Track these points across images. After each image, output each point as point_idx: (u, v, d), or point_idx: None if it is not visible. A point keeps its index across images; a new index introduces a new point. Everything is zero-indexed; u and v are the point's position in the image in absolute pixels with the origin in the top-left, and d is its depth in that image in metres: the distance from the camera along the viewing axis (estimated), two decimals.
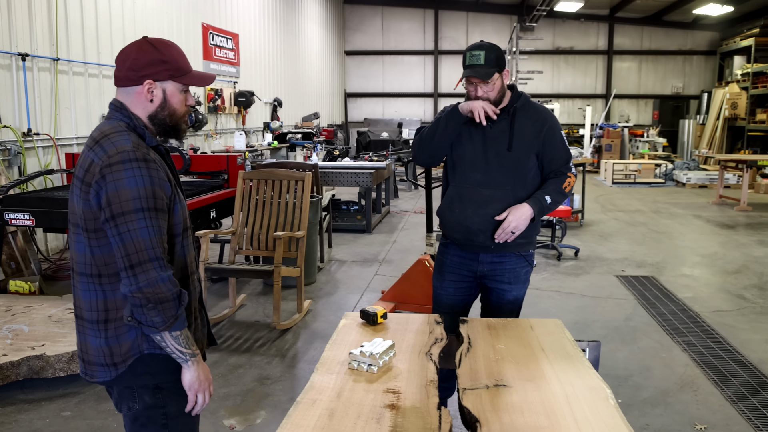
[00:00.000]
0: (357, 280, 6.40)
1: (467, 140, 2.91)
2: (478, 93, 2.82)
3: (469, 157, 2.89)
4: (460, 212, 2.87)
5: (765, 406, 3.73)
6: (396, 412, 1.79)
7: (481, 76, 2.76)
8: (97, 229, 1.81)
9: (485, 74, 2.77)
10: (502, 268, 2.94)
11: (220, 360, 4.38)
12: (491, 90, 2.81)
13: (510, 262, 2.94)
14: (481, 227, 2.82)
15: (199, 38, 10.49)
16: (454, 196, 2.92)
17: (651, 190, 13.84)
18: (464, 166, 2.90)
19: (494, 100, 2.83)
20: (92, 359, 1.89)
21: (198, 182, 6.20)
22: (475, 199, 2.85)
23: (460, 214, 2.87)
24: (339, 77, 20.97)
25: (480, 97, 2.82)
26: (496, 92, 2.83)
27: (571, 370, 2.08)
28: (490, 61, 2.77)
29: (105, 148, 1.79)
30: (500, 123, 2.87)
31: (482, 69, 2.77)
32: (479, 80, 2.78)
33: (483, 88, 2.81)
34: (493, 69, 2.78)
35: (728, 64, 19.36)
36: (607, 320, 5.25)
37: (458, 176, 2.93)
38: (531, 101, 2.97)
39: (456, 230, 2.91)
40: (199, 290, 2.09)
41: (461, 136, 2.93)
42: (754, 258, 7.39)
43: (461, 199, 2.88)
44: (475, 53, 2.78)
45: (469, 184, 2.88)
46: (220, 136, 11.28)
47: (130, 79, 1.87)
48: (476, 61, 2.77)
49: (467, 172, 2.90)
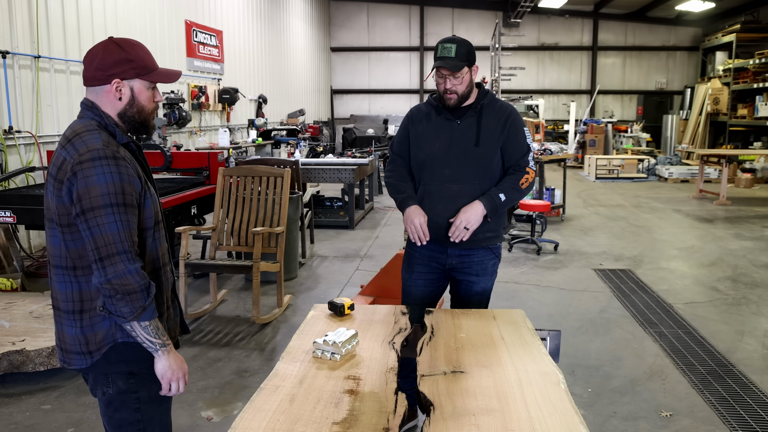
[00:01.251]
0: (338, 275, 6.48)
1: (434, 138, 2.95)
2: (447, 85, 2.86)
3: (436, 155, 2.92)
4: (430, 209, 2.91)
5: (730, 393, 3.85)
6: (355, 397, 1.87)
7: (451, 68, 2.80)
8: (70, 224, 1.89)
9: (455, 66, 2.80)
10: (470, 260, 3.00)
11: (199, 354, 4.45)
12: (459, 84, 2.85)
13: (478, 255, 3.00)
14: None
15: (183, 35, 10.51)
16: (424, 193, 2.96)
17: (633, 185, 13.99)
18: (433, 163, 2.94)
19: (462, 94, 2.88)
20: (69, 348, 1.98)
21: (180, 179, 6.24)
22: (444, 195, 2.90)
23: (430, 211, 2.91)
24: (325, 74, 21.01)
25: (448, 90, 2.86)
26: (464, 86, 2.87)
27: (526, 357, 2.17)
28: (461, 54, 2.82)
29: (76, 147, 1.87)
30: (467, 119, 2.92)
31: (452, 61, 2.80)
32: (449, 72, 2.82)
33: (452, 81, 2.85)
34: (463, 62, 2.82)
35: (710, 60, 19.56)
36: (582, 312, 5.35)
37: (427, 174, 2.96)
38: (497, 98, 3.02)
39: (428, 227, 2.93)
40: (172, 281, 2.17)
41: (427, 135, 2.97)
42: (730, 251, 7.53)
43: (431, 196, 2.93)
44: (446, 46, 2.82)
45: (438, 180, 2.93)
46: (205, 134, 11.31)
47: (98, 78, 1.95)
48: (447, 53, 2.81)
49: (436, 169, 2.93)
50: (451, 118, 2.96)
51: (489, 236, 2.98)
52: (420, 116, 3.05)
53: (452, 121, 2.95)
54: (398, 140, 3.14)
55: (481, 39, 20.28)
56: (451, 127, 2.93)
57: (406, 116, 3.15)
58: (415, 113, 3.10)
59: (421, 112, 3.08)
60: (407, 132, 3.07)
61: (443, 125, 2.95)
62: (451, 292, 3.20)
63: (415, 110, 3.12)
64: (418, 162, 3.01)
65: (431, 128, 2.98)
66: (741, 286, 6.10)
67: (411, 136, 3.03)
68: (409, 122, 3.07)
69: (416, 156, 3.01)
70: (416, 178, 3.04)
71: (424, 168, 2.97)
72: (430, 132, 2.97)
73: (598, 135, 17.02)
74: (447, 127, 2.94)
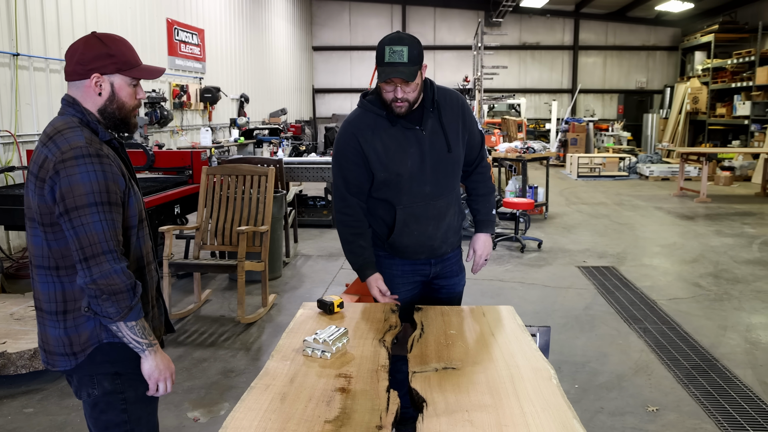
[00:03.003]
0: (322, 274, 6.45)
1: (401, 154, 2.57)
2: (398, 94, 2.46)
3: (411, 173, 2.59)
4: (421, 233, 2.69)
5: (714, 387, 3.88)
6: (346, 395, 1.85)
7: (406, 77, 2.38)
8: (52, 223, 1.85)
9: (410, 74, 2.39)
10: (450, 263, 2.93)
11: (184, 354, 4.40)
12: (413, 91, 2.47)
13: (455, 255, 2.96)
14: (444, 239, 2.79)
15: (164, 34, 10.40)
16: (408, 217, 2.65)
17: (615, 183, 14.10)
18: (408, 183, 2.60)
19: (413, 101, 2.51)
20: (53, 349, 1.94)
21: (162, 178, 6.18)
22: (431, 214, 2.68)
23: (422, 235, 2.69)
24: (307, 73, 20.94)
25: (399, 99, 2.46)
26: (416, 92, 2.50)
27: (517, 353, 2.16)
28: (414, 57, 2.39)
29: (58, 144, 1.82)
30: (429, 123, 2.59)
31: (406, 69, 2.38)
32: (402, 81, 2.41)
33: (404, 89, 2.45)
34: (416, 67, 2.41)
35: (690, 60, 19.78)
36: (567, 309, 5.38)
37: (405, 196, 2.62)
38: (441, 87, 2.68)
39: (419, 252, 2.76)
40: (157, 279, 2.14)
41: (392, 153, 2.57)
42: (711, 247, 7.61)
43: (417, 219, 2.66)
44: (396, 49, 2.37)
45: (420, 201, 2.64)
46: (186, 133, 11.21)
47: (78, 73, 1.91)
48: (398, 58, 2.37)
49: (413, 188, 2.61)
50: (410, 126, 2.56)
51: (461, 236, 2.98)
52: (369, 130, 2.57)
53: (413, 130, 2.56)
54: (350, 174, 2.61)
55: (463, 38, 20.37)
56: (416, 137, 2.56)
57: (348, 133, 2.60)
58: (361, 127, 2.59)
59: (366, 124, 2.59)
60: (361, 155, 2.57)
61: (406, 137, 2.56)
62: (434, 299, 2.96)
63: (358, 123, 2.61)
64: (387, 185, 2.61)
65: (394, 143, 2.56)
66: (723, 282, 6.16)
67: (371, 159, 2.56)
68: (361, 141, 2.57)
69: (384, 179, 2.59)
70: (388, 202, 2.66)
71: (399, 190, 2.61)
72: (394, 148, 2.56)
73: (580, 134, 17.14)
74: (412, 138, 2.56)
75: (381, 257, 2.85)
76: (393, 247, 2.77)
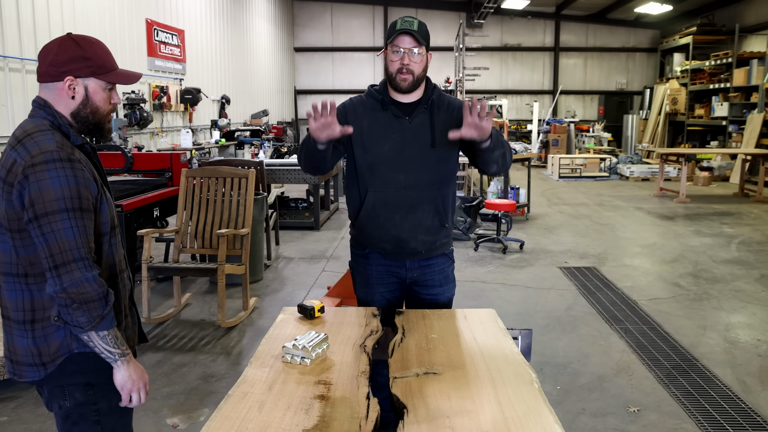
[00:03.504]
0: (304, 277, 6.41)
1: (382, 138, 2.62)
2: (405, 60, 2.53)
3: (387, 158, 2.62)
4: (387, 220, 2.65)
5: (694, 387, 3.90)
6: (325, 402, 1.82)
7: (416, 36, 2.49)
8: (21, 229, 1.79)
9: (419, 36, 2.50)
10: (431, 271, 2.80)
11: (164, 359, 4.34)
12: (418, 63, 2.55)
13: (438, 263, 2.81)
14: (412, 233, 2.67)
15: (143, 34, 10.30)
16: (377, 202, 2.65)
17: (596, 183, 14.19)
18: (383, 168, 2.63)
19: (417, 77, 2.56)
20: (20, 359, 1.88)
21: (141, 181, 6.10)
22: (401, 203, 2.63)
23: (387, 222, 2.65)
24: (288, 74, 20.86)
25: (405, 67, 2.53)
26: (420, 68, 2.57)
27: (499, 357, 2.15)
28: (423, 32, 2.53)
29: (28, 148, 1.77)
30: (418, 117, 2.63)
31: (416, 33, 2.50)
32: (411, 44, 2.51)
33: (411, 57, 2.53)
34: (424, 40, 2.54)
35: (669, 61, 20.00)
36: (549, 310, 5.39)
37: (378, 180, 2.64)
38: (444, 93, 2.74)
39: (384, 240, 2.70)
40: (130, 288, 2.09)
41: (373, 135, 2.63)
42: (690, 247, 7.68)
43: (386, 205, 2.64)
44: (408, 19, 2.54)
45: (392, 188, 2.63)
46: (167, 134, 11.10)
47: (50, 74, 1.85)
48: (409, 26, 2.50)
49: (388, 174, 2.62)
50: (399, 115, 2.62)
51: (445, 242, 2.81)
52: (362, 109, 2.66)
53: (401, 119, 2.61)
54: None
55: (444, 39, 20.38)
56: (402, 125, 2.61)
57: (344, 106, 2.69)
58: (356, 105, 2.69)
59: (361, 104, 2.69)
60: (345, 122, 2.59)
61: (391, 123, 2.61)
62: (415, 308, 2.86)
63: (357, 101, 2.72)
64: (364, 166, 2.66)
65: (377, 126, 2.63)
66: (702, 282, 6.21)
67: (354, 134, 2.60)
68: (350, 114, 2.65)
69: (361, 158, 2.65)
70: (362, 184, 2.68)
71: (374, 173, 2.64)
72: (377, 131, 2.62)
73: (561, 135, 17.24)
74: (396, 125, 2.61)
75: (357, 256, 2.86)
76: (359, 231, 2.77)
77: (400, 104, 2.65)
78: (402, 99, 2.66)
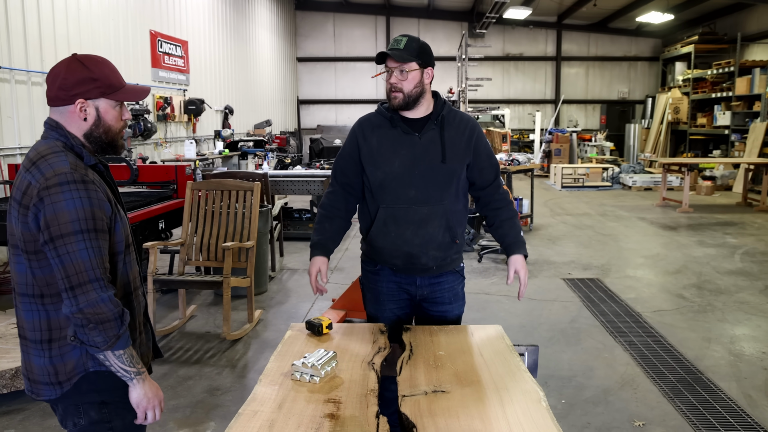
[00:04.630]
0: (308, 289, 6.42)
1: (392, 155, 2.67)
2: (391, 79, 2.62)
3: (398, 174, 2.65)
4: (398, 235, 2.68)
5: (699, 401, 3.90)
6: (335, 421, 1.84)
7: (396, 58, 2.57)
8: (37, 251, 1.81)
9: (400, 57, 2.58)
10: (441, 288, 2.82)
11: (169, 372, 4.35)
12: (405, 80, 2.60)
13: (448, 280, 2.83)
14: (422, 249, 2.68)
15: (147, 45, 10.36)
16: (388, 218, 2.69)
17: (599, 193, 14.21)
18: (394, 184, 2.66)
19: (408, 93, 2.61)
20: (37, 378, 1.90)
21: (146, 193, 6.14)
22: (412, 219, 2.66)
23: (398, 238, 2.68)
24: (291, 84, 20.93)
25: (393, 86, 2.62)
26: (411, 85, 2.61)
27: (506, 374, 2.16)
28: (411, 49, 2.59)
29: (42, 170, 1.79)
30: (428, 133, 2.68)
31: (399, 52, 2.58)
32: (395, 64, 2.60)
33: (397, 76, 2.61)
34: (411, 57, 2.59)
35: (670, 70, 20.04)
36: (553, 323, 5.39)
37: (389, 196, 2.68)
38: (454, 109, 2.80)
39: (395, 255, 2.72)
40: (144, 304, 2.11)
41: (384, 152, 2.68)
42: (694, 258, 7.68)
43: (396, 221, 2.68)
44: (398, 38, 2.63)
45: (403, 203, 2.66)
46: (170, 145, 11.15)
47: (60, 98, 1.88)
48: (396, 45, 2.61)
49: (399, 190, 2.66)
50: (409, 131, 2.67)
51: (456, 258, 2.82)
52: (371, 128, 2.75)
53: (411, 135, 2.67)
54: (343, 163, 2.80)
55: (447, 49, 20.47)
56: (412, 141, 2.66)
57: (354, 129, 2.81)
58: (365, 124, 2.78)
59: (371, 123, 2.77)
60: (356, 149, 2.74)
61: (401, 140, 2.67)
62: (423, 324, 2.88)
63: (365, 121, 2.81)
64: (375, 182, 2.70)
65: (387, 143, 2.69)
66: (706, 293, 6.22)
67: (363, 153, 2.71)
68: (359, 136, 2.75)
69: (373, 176, 2.70)
70: (374, 199, 2.73)
71: (385, 189, 2.68)
72: (387, 147, 2.68)
73: (563, 144, 17.27)
74: (407, 142, 2.67)
75: (368, 272, 2.88)
76: (370, 246, 2.80)
77: (409, 120, 2.69)
78: (410, 115, 2.70)
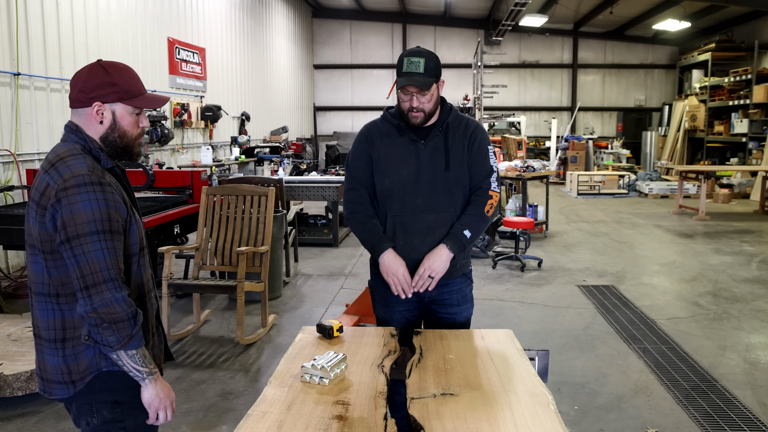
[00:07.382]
0: (323, 294, 6.45)
1: (400, 164, 2.68)
2: (414, 103, 2.60)
3: (405, 182, 2.67)
4: (406, 243, 2.70)
5: (714, 409, 3.87)
6: (343, 423, 1.85)
7: (421, 86, 2.53)
8: (53, 250, 1.85)
9: (424, 84, 2.54)
10: (449, 290, 2.82)
11: (182, 375, 4.39)
12: (428, 102, 2.61)
13: (456, 283, 2.84)
14: None
15: (165, 52, 10.48)
16: (396, 226, 2.71)
17: (615, 200, 14.13)
18: (401, 192, 2.68)
19: (428, 112, 2.64)
20: (50, 377, 1.93)
21: (162, 198, 6.20)
22: (419, 226, 2.68)
23: (407, 246, 2.70)
24: (308, 91, 21.05)
25: (415, 108, 2.60)
26: (432, 104, 2.63)
27: (516, 378, 2.16)
28: (430, 69, 2.56)
29: (60, 172, 1.83)
30: (433, 140, 2.69)
31: (421, 78, 2.54)
32: (417, 90, 2.56)
33: (419, 99, 2.59)
34: (432, 79, 2.57)
35: (687, 78, 19.90)
36: (567, 329, 5.37)
37: (396, 204, 2.70)
38: (461, 115, 2.80)
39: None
40: (157, 307, 2.14)
41: (391, 160, 2.70)
42: (710, 266, 7.61)
43: (405, 228, 2.70)
44: (413, 60, 2.54)
45: (410, 211, 2.68)
46: (187, 151, 11.26)
47: (80, 100, 1.93)
48: (415, 68, 2.54)
49: (406, 198, 2.68)
50: (415, 138, 2.68)
51: (464, 263, 2.84)
52: (379, 135, 2.74)
53: (417, 143, 2.68)
54: (357, 164, 2.78)
55: (463, 57, 20.49)
56: (417, 149, 2.68)
57: (362, 134, 2.80)
58: (373, 131, 2.78)
59: (379, 130, 2.77)
60: (367, 155, 2.75)
61: (408, 148, 2.68)
62: (432, 326, 2.91)
63: (373, 127, 2.80)
64: (383, 191, 2.72)
65: (395, 151, 2.70)
66: (722, 301, 6.16)
67: (373, 159, 2.73)
68: (368, 143, 2.76)
69: (381, 184, 2.72)
70: (381, 207, 2.75)
71: (393, 197, 2.70)
72: (395, 155, 2.70)
73: (579, 151, 17.19)
74: (412, 149, 2.68)
75: (377, 276, 2.88)
76: None
77: (416, 128, 2.70)
78: None
